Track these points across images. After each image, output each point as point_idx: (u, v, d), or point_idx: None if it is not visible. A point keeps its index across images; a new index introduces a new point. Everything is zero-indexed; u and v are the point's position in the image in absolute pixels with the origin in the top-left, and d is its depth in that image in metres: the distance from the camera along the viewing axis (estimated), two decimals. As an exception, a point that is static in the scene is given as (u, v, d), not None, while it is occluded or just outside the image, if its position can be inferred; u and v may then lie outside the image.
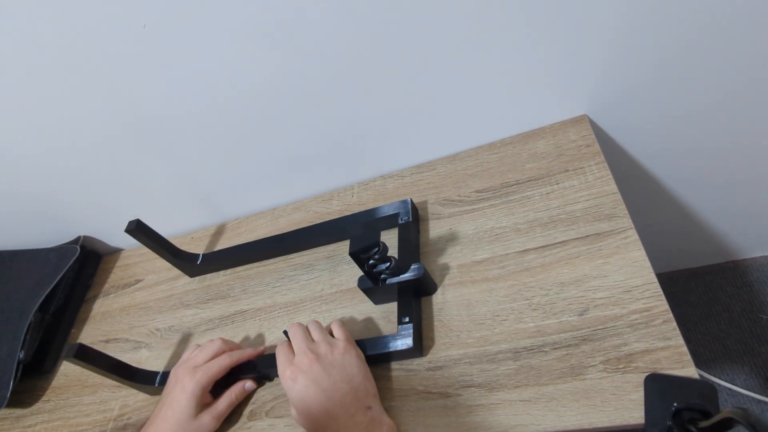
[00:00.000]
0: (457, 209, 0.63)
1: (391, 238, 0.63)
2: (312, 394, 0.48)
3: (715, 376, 0.93)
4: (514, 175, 0.62)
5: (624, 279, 0.48)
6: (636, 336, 0.45)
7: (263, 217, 0.80)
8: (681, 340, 0.43)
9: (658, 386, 0.40)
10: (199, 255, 0.76)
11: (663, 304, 0.45)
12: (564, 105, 0.63)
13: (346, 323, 0.59)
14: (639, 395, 0.42)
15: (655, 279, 0.47)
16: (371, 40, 0.55)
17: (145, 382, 0.63)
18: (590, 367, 0.45)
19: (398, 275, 0.54)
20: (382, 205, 0.64)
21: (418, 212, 0.65)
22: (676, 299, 1.04)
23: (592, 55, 0.56)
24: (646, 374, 0.42)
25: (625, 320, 0.46)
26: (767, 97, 0.61)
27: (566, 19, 0.52)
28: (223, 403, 0.56)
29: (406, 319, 0.53)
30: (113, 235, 0.89)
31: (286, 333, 0.55)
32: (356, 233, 0.52)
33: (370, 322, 0.58)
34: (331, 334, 0.54)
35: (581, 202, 0.56)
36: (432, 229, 0.63)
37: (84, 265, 0.87)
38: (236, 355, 0.58)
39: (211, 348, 0.58)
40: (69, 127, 0.66)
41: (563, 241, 0.54)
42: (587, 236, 0.53)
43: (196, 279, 0.77)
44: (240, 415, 0.57)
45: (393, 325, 0.57)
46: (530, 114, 0.64)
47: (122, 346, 0.74)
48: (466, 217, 0.61)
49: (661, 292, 0.46)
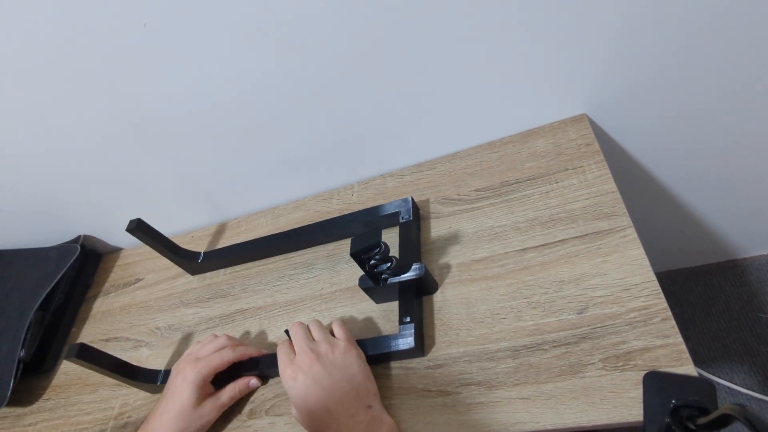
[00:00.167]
0: (456, 208, 0.63)
1: (391, 237, 0.63)
2: (313, 393, 0.48)
3: (714, 375, 0.93)
4: (513, 174, 0.63)
5: (623, 277, 0.48)
6: (635, 334, 0.45)
7: (263, 216, 0.80)
8: (680, 339, 0.43)
9: (656, 384, 0.40)
10: (200, 253, 0.76)
11: (662, 303, 0.46)
12: (563, 104, 0.63)
13: (346, 322, 0.59)
14: (638, 393, 0.42)
15: (654, 277, 0.47)
16: (371, 40, 0.55)
17: (147, 380, 0.63)
18: (589, 365, 0.45)
19: (399, 275, 0.54)
20: (382, 204, 0.64)
21: (419, 210, 0.65)
22: (675, 298, 1.04)
23: (591, 55, 0.56)
24: (645, 372, 0.42)
25: (624, 318, 0.46)
26: (767, 97, 0.61)
27: (566, 19, 0.52)
28: (226, 395, 0.56)
29: (408, 319, 0.53)
30: (113, 234, 0.89)
31: (287, 332, 0.55)
32: (360, 234, 0.52)
33: (370, 321, 0.59)
34: (332, 334, 0.55)
35: (581, 201, 0.56)
36: (432, 228, 0.63)
37: (84, 264, 0.87)
38: (240, 350, 0.58)
39: (216, 342, 0.58)
40: (69, 127, 0.66)
41: (563, 240, 0.54)
42: (586, 235, 0.53)
43: (196, 278, 0.77)
44: (240, 413, 0.57)
45: (393, 324, 0.57)
46: (530, 113, 0.65)
47: (122, 344, 0.74)
48: (465, 216, 0.62)
49: (660, 291, 0.46)
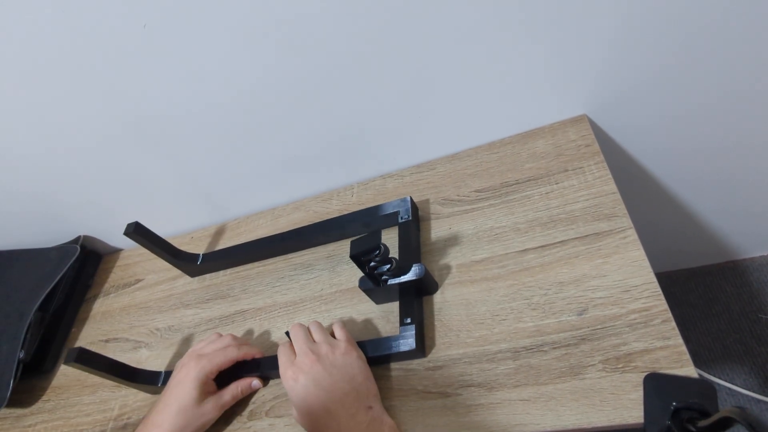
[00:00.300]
0: (456, 209, 0.63)
1: (391, 238, 0.63)
2: (313, 394, 0.48)
3: (714, 376, 0.93)
4: (513, 175, 0.62)
5: (623, 279, 0.48)
6: (635, 335, 0.45)
7: (263, 217, 0.80)
8: (680, 340, 0.43)
9: (657, 386, 0.40)
10: (199, 255, 0.76)
11: (662, 304, 0.45)
12: (563, 105, 0.63)
13: (346, 324, 0.59)
14: (638, 395, 0.42)
15: (654, 279, 0.47)
16: (371, 40, 0.55)
17: (147, 382, 0.63)
18: (589, 366, 0.45)
19: (399, 276, 0.54)
20: (382, 204, 0.64)
21: (418, 210, 0.65)
22: (675, 299, 1.04)
23: (591, 55, 0.56)
24: (645, 374, 0.42)
25: (624, 320, 0.46)
26: (766, 97, 0.61)
27: (566, 19, 0.52)
28: (228, 394, 0.56)
29: (408, 320, 0.53)
30: (113, 235, 0.89)
31: (287, 334, 0.55)
32: (360, 236, 0.52)
33: (370, 322, 0.58)
34: (332, 335, 0.55)
35: (581, 202, 0.56)
36: (432, 229, 0.63)
37: (84, 264, 0.87)
38: (244, 349, 0.58)
39: (221, 341, 0.58)
40: (69, 127, 0.66)
41: (562, 241, 0.54)
42: (586, 236, 0.53)
43: (196, 279, 0.77)
44: (240, 414, 0.57)
45: (393, 325, 0.57)
46: (530, 114, 0.64)
47: (122, 345, 0.74)
48: (465, 217, 0.62)
49: (660, 292, 0.46)
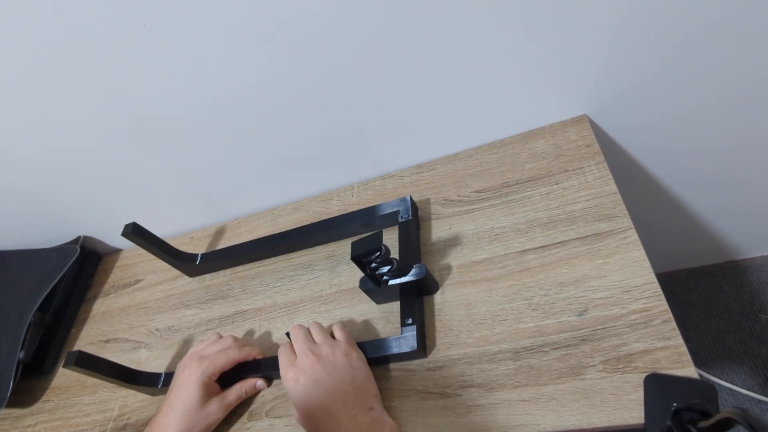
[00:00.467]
0: (456, 209, 0.63)
1: (391, 237, 0.63)
2: (314, 395, 0.48)
3: (714, 376, 0.93)
4: (513, 175, 0.62)
5: (623, 279, 0.48)
6: (635, 336, 0.45)
7: (263, 217, 0.80)
8: (680, 340, 0.43)
9: (657, 386, 0.40)
10: (197, 255, 0.76)
11: (662, 304, 0.45)
12: (563, 105, 0.63)
13: (346, 324, 0.59)
14: (638, 395, 0.42)
15: (655, 279, 0.47)
16: (371, 40, 0.55)
17: (147, 384, 0.63)
18: (590, 367, 0.45)
19: (400, 276, 0.54)
20: (381, 203, 0.64)
21: (417, 210, 0.65)
22: (675, 299, 1.04)
23: (591, 55, 0.56)
24: (646, 374, 0.42)
25: (624, 320, 0.46)
26: (766, 97, 0.61)
27: (566, 19, 0.52)
28: (233, 395, 0.56)
29: (409, 321, 0.53)
30: (113, 235, 0.89)
31: (288, 335, 0.55)
32: (360, 237, 0.52)
33: (370, 323, 0.58)
34: (332, 336, 0.54)
35: (581, 202, 0.56)
36: (432, 229, 0.63)
37: (84, 265, 0.87)
38: (245, 350, 0.58)
39: (222, 342, 0.58)
40: (69, 127, 0.66)
41: (563, 241, 0.54)
42: (587, 236, 0.53)
43: (196, 279, 0.77)
44: (240, 415, 0.57)
45: (393, 325, 0.57)
46: (530, 114, 0.64)
47: (122, 346, 0.74)
48: (465, 217, 0.61)
49: (661, 292, 0.46)
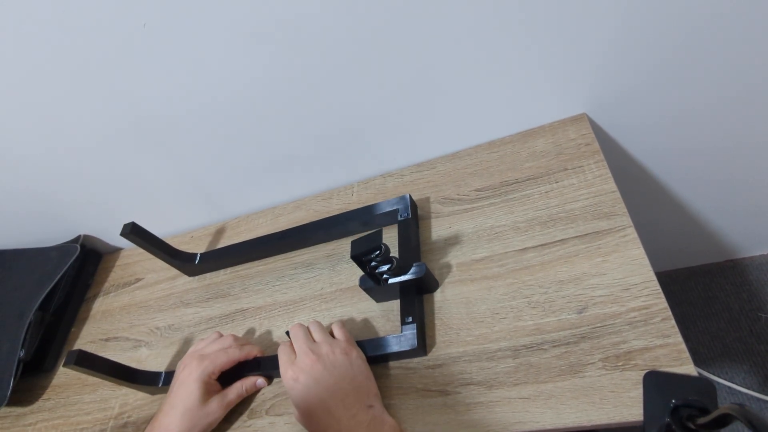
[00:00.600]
0: (456, 208, 0.63)
1: (391, 236, 0.63)
2: (314, 394, 0.48)
3: (714, 375, 0.93)
4: (513, 174, 0.62)
5: (623, 277, 0.48)
6: (635, 334, 0.45)
7: (263, 216, 0.80)
8: (680, 338, 0.43)
9: (656, 384, 0.40)
10: (196, 255, 0.76)
11: (662, 302, 0.45)
12: (563, 103, 0.63)
13: (346, 322, 0.59)
14: (637, 393, 0.42)
15: (654, 277, 0.47)
16: (371, 40, 0.55)
17: (148, 383, 0.63)
18: (589, 364, 0.45)
19: (400, 275, 0.54)
20: (380, 202, 0.64)
21: (417, 208, 0.65)
22: (675, 297, 1.04)
23: (591, 54, 0.56)
24: (645, 372, 0.42)
25: (624, 318, 0.46)
26: (766, 97, 0.61)
27: (566, 18, 0.52)
28: (233, 393, 0.56)
29: (410, 319, 0.53)
30: (113, 234, 0.89)
31: (288, 333, 0.55)
32: (360, 236, 0.52)
33: (371, 321, 0.59)
34: (332, 335, 0.55)
35: (580, 201, 0.56)
36: (432, 228, 0.63)
37: (84, 263, 0.87)
38: (246, 349, 0.58)
39: (222, 341, 0.59)
40: (69, 127, 0.66)
41: (562, 240, 0.54)
42: (586, 234, 0.53)
43: (196, 278, 0.77)
44: (240, 413, 0.57)
45: (393, 323, 0.57)
46: (529, 112, 0.64)
47: (122, 344, 0.74)
48: (465, 216, 0.62)
49: (660, 290, 0.46)
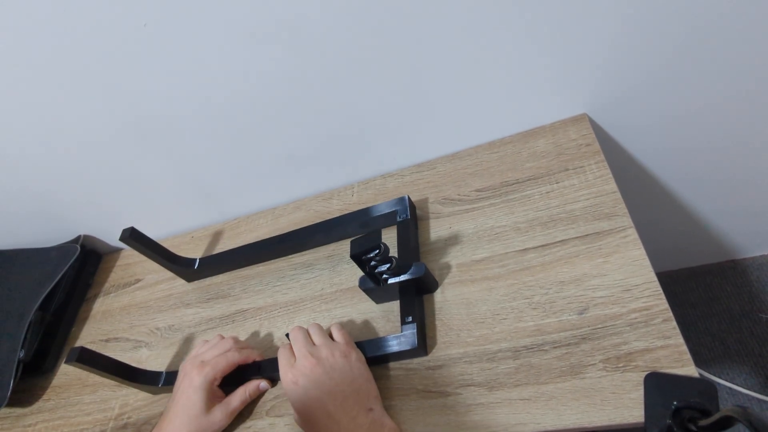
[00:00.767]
0: (457, 208, 0.63)
1: (391, 237, 0.63)
2: (314, 397, 0.48)
3: (715, 375, 0.93)
4: (514, 174, 0.62)
5: (624, 278, 0.48)
6: (636, 335, 0.45)
7: (263, 217, 0.80)
8: (681, 339, 0.43)
9: (657, 385, 0.40)
10: (195, 260, 0.75)
11: (663, 303, 0.45)
12: (564, 104, 0.63)
13: (345, 324, 0.59)
14: (639, 394, 0.42)
15: (655, 278, 0.47)
16: (371, 40, 0.55)
17: (148, 382, 0.63)
18: (590, 366, 0.45)
19: (399, 275, 0.54)
20: (379, 203, 0.64)
21: (415, 209, 0.65)
22: (675, 298, 1.04)
23: (592, 54, 0.56)
24: (646, 373, 0.42)
25: (624, 319, 0.46)
26: (766, 97, 0.61)
27: (567, 19, 0.52)
28: (237, 400, 0.55)
29: (410, 319, 0.53)
30: (113, 235, 0.89)
31: (288, 336, 0.55)
32: (359, 236, 0.52)
33: (371, 322, 0.58)
34: (331, 337, 0.54)
35: (581, 201, 0.56)
36: (432, 228, 0.63)
37: (84, 264, 0.87)
38: (245, 353, 0.58)
39: (222, 345, 0.58)
40: (69, 127, 0.66)
41: (563, 240, 0.54)
42: (587, 235, 0.53)
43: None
44: (240, 414, 0.57)
45: (393, 324, 0.57)
46: (530, 113, 0.64)
47: (122, 345, 0.74)
48: (466, 216, 0.61)
49: (661, 291, 0.46)
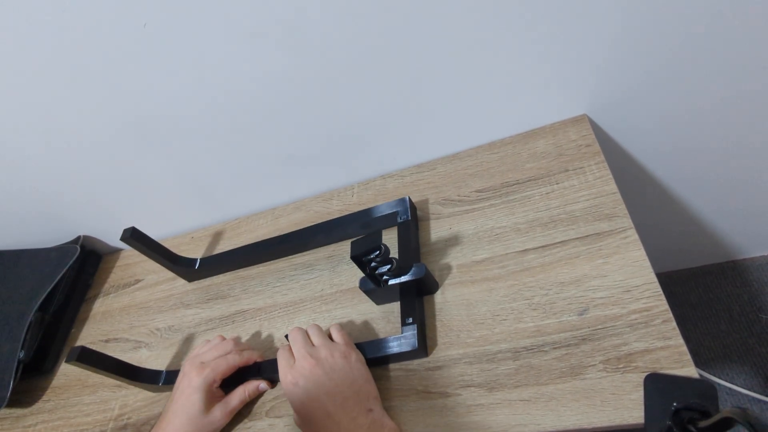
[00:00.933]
0: (457, 209, 0.63)
1: (390, 238, 0.63)
2: (314, 397, 0.48)
3: (715, 376, 0.93)
4: (514, 175, 0.62)
5: (624, 279, 0.48)
6: (636, 336, 0.45)
7: (263, 217, 0.80)
8: (681, 340, 0.43)
9: (657, 386, 0.40)
10: (196, 260, 0.75)
11: (663, 304, 0.45)
12: (564, 105, 0.63)
13: (345, 324, 0.59)
14: (639, 395, 0.42)
15: (655, 279, 0.47)
16: (371, 40, 0.55)
17: (149, 381, 0.63)
18: (590, 366, 0.45)
19: (400, 276, 0.54)
20: (380, 204, 0.64)
21: (416, 210, 0.65)
22: (675, 299, 1.04)
23: (592, 55, 0.56)
24: (646, 374, 0.42)
25: (624, 320, 0.46)
26: (766, 97, 0.61)
27: (567, 19, 0.52)
28: (236, 399, 0.56)
29: (410, 320, 0.53)
30: (113, 235, 0.89)
31: (287, 337, 0.55)
32: (360, 237, 0.52)
33: (371, 323, 0.58)
34: (331, 338, 0.54)
35: (581, 202, 0.56)
36: (432, 229, 0.63)
37: (84, 264, 0.87)
38: (246, 354, 0.58)
39: (223, 347, 0.58)
40: (69, 127, 0.66)
41: (563, 241, 0.54)
42: (587, 236, 0.53)
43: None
44: (240, 414, 0.57)
45: (393, 325, 0.57)
46: (530, 113, 0.64)
47: (122, 345, 0.74)
48: (466, 217, 0.61)
49: (661, 292, 0.46)
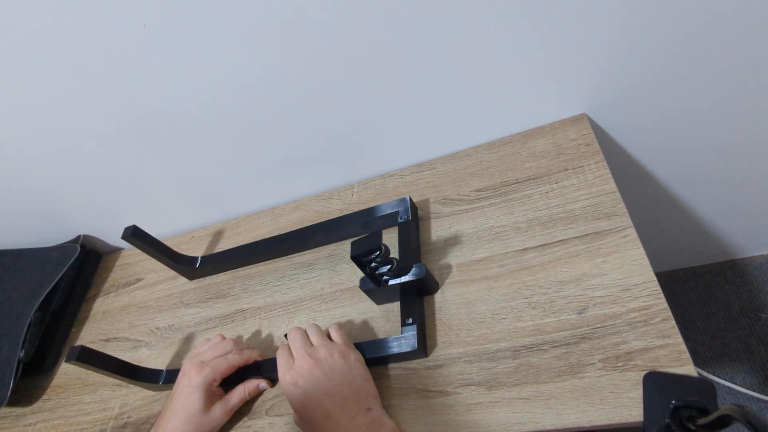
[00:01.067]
0: (456, 208, 0.63)
1: (391, 237, 0.63)
2: (313, 397, 0.48)
3: (714, 375, 0.93)
4: (513, 174, 0.62)
5: (623, 277, 0.48)
6: (635, 334, 0.45)
7: (263, 216, 0.80)
8: (680, 339, 0.43)
9: (656, 384, 0.40)
10: (197, 258, 0.75)
11: (662, 303, 0.45)
12: (563, 104, 0.63)
13: (345, 324, 0.59)
14: (637, 393, 0.42)
15: (654, 277, 0.47)
16: (371, 40, 0.55)
17: (149, 380, 0.63)
18: (589, 365, 0.45)
19: (400, 276, 0.54)
20: (380, 204, 0.64)
21: (417, 210, 0.65)
22: (675, 298, 1.04)
23: (591, 54, 0.56)
24: (645, 372, 0.42)
25: (624, 319, 0.46)
26: (766, 97, 0.61)
27: (566, 18, 0.52)
28: (236, 398, 0.56)
29: (410, 320, 0.53)
30: (113, 234, 0.89)
31: (286, 337, 0.55)
32: (360, 236, 0.52)
33: (370, 322, 0.58)
34: (329, 338, 0.55)
35: (580, 201, 0.56)
36: (432, 228, 0.63)
37: (84, 264, 0.87)
38: (246, 354, 0.58)
39: (223, 346, 0.58)
40: (69, 127, 0.66)
41: (562, 240, 0.54)
42: (586, 235, 0.53)
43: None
44: (240, 413, 0.57)
45: (393, 324, 0.57)
46: (530, 113, 0.64)
47: (122, 345, 0.74)
48: (465, 216, 0.62)
49: (660, 291, 0.46)
